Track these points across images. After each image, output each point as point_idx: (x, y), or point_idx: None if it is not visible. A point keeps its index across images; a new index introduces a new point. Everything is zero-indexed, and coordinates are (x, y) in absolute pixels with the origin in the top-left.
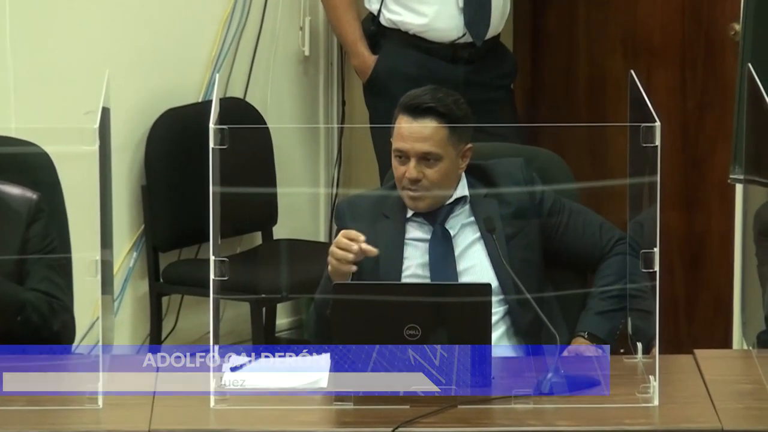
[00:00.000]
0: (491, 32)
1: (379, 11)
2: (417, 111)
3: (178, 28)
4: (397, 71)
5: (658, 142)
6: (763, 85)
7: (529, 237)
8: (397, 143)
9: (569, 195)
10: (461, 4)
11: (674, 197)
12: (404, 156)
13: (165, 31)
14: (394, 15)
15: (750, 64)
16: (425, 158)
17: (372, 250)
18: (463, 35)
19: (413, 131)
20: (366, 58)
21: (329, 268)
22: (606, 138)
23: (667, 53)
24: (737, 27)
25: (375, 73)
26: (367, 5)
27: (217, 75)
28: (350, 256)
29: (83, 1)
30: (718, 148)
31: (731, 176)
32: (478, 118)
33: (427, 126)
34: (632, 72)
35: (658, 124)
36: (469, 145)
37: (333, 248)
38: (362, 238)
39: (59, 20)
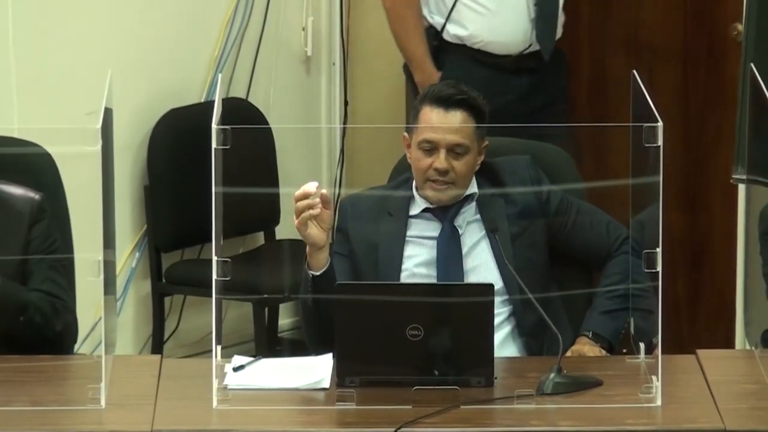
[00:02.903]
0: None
1: (444, 26)
2: (448, 103)
3: (180, 29)
4: None
5: (660, 142)
6: (765, 85)
7: (535, 236)
8: (425, 134)
9: (573, 194)
10: (533, 15)
11: (677, 197)
12: (433, 147)
13: (167, 32)
14: (460, 29)
15: (752, 64)
16: (454, 150)
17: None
18: (529, 46)
19: (444, 121)
20: (432, 74)
21: (307, 253)
22: (608, 138)
23: (670, 53)
24: (740, 27)
25: None
26: (428, 19)
27: (220, 75)
28: (313, 200)
29: (86, 2)
30: (721, 148)
31: (734, 176)
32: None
33: (458, 118)
34: (634, 72)
35: (660, 124)
36: (486, 143)
37: (297, 207)
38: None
39: (62, 21)
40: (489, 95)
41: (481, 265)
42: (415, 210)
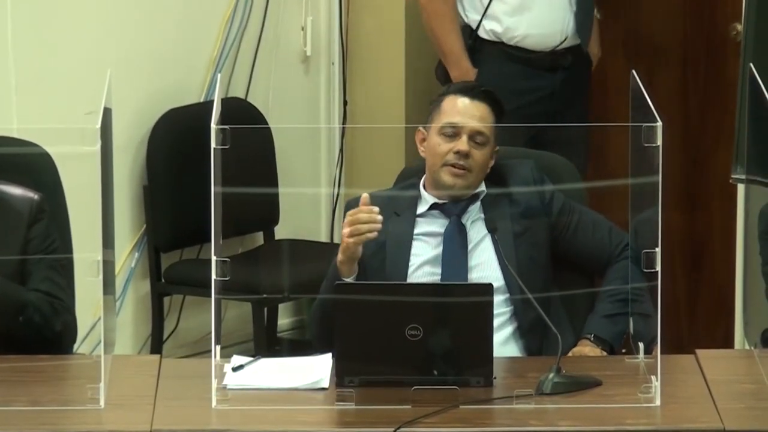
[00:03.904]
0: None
1: (479, 23)
2: (473, 93)
3: (179, 28)
4: (497, 86)
5: (659, 142)
6: (764, 85)
7: (537, 237)
8: (449, 118)
9: (574, 195)
10: (575, 7)
11: (676, 197)
12: (455, 132)
13: (167, 31)
14: (496, 25)
15: (751, 64)
16: (475, 138)
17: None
18: (563, 41)
19: (469, 109)
20: (468, 70)
21: (339, 256)
22: (607, 138)
23: (669, 53)
24: (739, 27)
25: None
26: (463, 17)
27: (219, 75)
28: (376, 224)
29: (85, 2)
30: (720, 148)
31: (733, 176)
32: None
33: (483, 108)
34: (634, 72)
35: (659, 123)
36: (497, 148)
37: (354, 218)
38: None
39: (61, 20)
40: (523, 93)
41: (484, 262)
42: (422, 208)
